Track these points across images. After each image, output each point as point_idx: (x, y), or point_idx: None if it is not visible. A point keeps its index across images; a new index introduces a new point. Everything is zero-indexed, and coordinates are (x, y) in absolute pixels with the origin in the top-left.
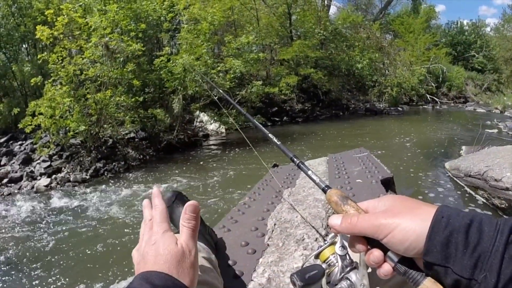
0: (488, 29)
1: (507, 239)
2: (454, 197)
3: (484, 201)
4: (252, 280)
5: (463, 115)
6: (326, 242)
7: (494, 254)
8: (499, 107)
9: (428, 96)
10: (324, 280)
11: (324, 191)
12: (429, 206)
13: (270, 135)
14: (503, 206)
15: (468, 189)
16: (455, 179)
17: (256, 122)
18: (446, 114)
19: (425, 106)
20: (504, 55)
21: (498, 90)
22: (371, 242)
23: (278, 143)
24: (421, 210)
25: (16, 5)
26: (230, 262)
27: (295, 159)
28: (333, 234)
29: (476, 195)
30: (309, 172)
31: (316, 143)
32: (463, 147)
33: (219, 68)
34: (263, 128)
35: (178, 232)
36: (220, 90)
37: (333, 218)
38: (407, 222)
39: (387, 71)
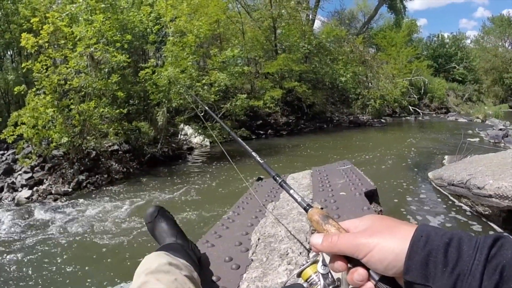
0: (468, 41)
1: (486, 257)
2: (438, 206)
3: (468, 208)
4: None
5: (445, 125)
6: (308, 260)
7: (473, 272)
8: (480, 117)
9: (410, 107)
10: None
11: (306, 210)
12: (408, 225)
13: (253, 153)
14: (486, 213)
15: (452, 198)
16: (438, 188)
17: (240, 140)
18: (428, 124)
19: (408, 118)
20: (484, 66)
21: (478, 100)
22: (352, 261)
23: (261, 161)
24: (400, 229)
25: (2, 11)
26: (214, 278)
27: (277, 178)
28: (314, 253)
29: (460, 203)
30: (291, 191)
31: (300, 156)
32: (446, 157)
33: (204, 81)
34: (247, 146)
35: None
36: (206, 107)
37: (315, 237)
38: (386, 241)
39: (370, 83)
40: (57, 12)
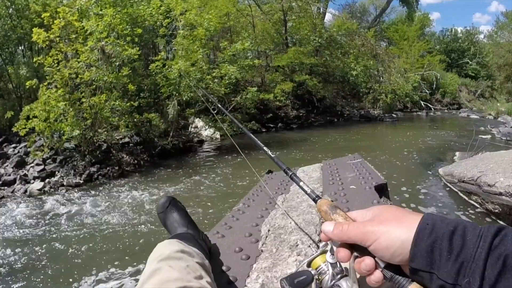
0: (482, 36)
1: (489, 245)
2: (447, 202)
3: (478, 206)
4: (245, 286)
5: (456, 121)
6: (317, 250)
7: (477, 260)
8: (492, 113)
9: (422, 102)
10: (314, 287)
11: (315, 201)
12: (414, 214)
13: (264, 148)
14: (496, 211)
15: (461, 195)
16: (448, 184)
17: (251, 134)
18: (440, 120)
19: (419, 113)
20: (497, 61)
21: (491, 96)
22: (359, 250)
23: (272, 155)
24: (406, 218)
25: (13, 6)
26: (223, 268)
27: (288, 171)
28: (324, 242)
29: (470, 200)
30: (301, 183)
31: (310, 149)
32: (457, 153)
33: (214, 74)
34: (257, 140)
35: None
36: (217, 103)
37: (326, 224)
38: (393, 229)
39: (381, 78)
40: (67, 6)
